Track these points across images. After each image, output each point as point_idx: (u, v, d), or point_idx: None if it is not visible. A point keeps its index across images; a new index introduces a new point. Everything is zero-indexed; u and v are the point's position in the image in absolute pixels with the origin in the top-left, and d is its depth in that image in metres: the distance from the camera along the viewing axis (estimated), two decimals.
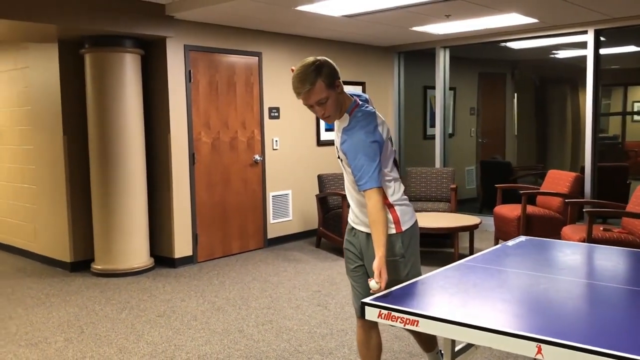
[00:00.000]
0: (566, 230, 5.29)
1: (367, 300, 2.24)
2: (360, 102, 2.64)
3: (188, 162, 6.01)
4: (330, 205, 6.63)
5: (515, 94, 9.15)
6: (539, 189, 6.58)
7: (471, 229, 5.95)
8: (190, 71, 5.95)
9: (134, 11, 5.44)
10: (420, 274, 2.69)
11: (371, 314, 2.22)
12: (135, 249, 5.81)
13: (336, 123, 2.68)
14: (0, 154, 6.87)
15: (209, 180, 6.19)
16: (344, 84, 2.63)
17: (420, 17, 6.06)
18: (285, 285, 5.26)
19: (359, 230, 2.77)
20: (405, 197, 2.77)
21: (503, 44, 7.75)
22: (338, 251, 6.35)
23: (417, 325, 2.10)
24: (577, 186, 6.14)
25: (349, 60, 7.71)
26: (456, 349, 2.55)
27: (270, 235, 6.84)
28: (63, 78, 5.82)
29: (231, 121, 6.34)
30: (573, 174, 6.17)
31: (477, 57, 9.62)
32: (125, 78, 5.65)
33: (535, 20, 6.40)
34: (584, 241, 4.85)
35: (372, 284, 2.31)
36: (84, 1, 5.10)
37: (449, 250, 6.41)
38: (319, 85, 2.47)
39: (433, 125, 8.39)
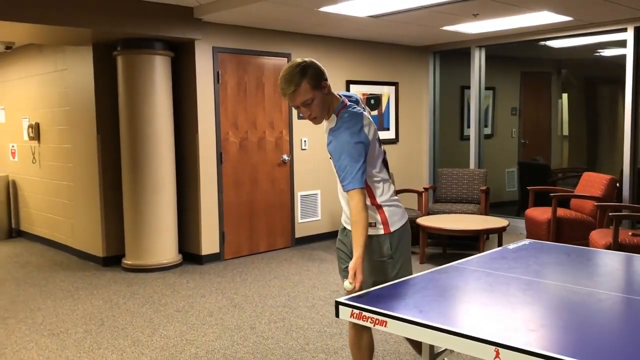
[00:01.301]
0: (594, 234, 5.12)
1: (340, 299, 2.25)
2: (349, 103, 2.65)
3: (215, 161, 6.14)
4: None
5: (564, 94, 8.88)
6: (572, 192, 6.38)
7: (498, 231, 5.83)
8: (218, 72, 6.08)
9: (164, 15, 5.60)
10: (410, 275, 2.68)
11: (344, 313, 2.23)
12: (163, 245, 5.97)
13: (325, 124, 2.70)
14: (43, 153, 7.19)
15: (237, 179, 6.30)
16: (376, 84, 2.67)
17: (447, 17, 5.99)
18: (304, 284, 5.30)
19: (350, 230, 2.78)
20: (396, 198, 2.77)
21: (542, 43, 7.55)
22: None
23: (385, 326, 2.10)
24: (611, 189, 5.92)
25: (382, 60, 7.68)
26: (435, 351, 2.52)
27: (298, 235, 6.90)
28: (97, 79, 6.05)
29: (259, 121, 6.43)
30: (608, 177, 5.96)
31: (519, 56, 9.40)
32: (155, 79, 5.83)
33: (569, 18, 6.22)
34: (609, 246, 4.69)
35: (346, 284, 2.32)
36: (116, 6, 5.29)
37: (474, 253, 6.30)
38: (304, 87, 2.49)
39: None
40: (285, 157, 6.68)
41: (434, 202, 7.22)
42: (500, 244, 6.09)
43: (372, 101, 7.63)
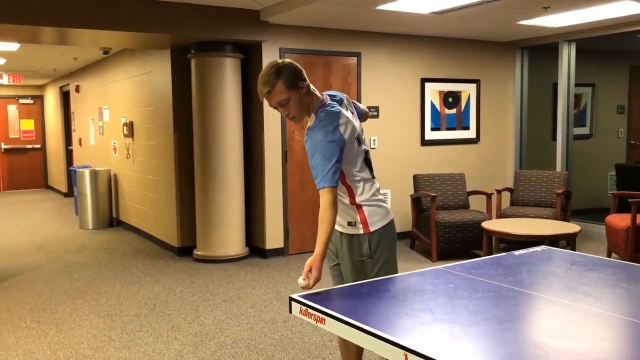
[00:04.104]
0: None
1: (293, 296, 2.30)
2: (329, 102, 2.66)
3: (281, 159, 6.33)
4: (424, 206, 6.52)
5: None
6: None
7: (565, 237, 5.48)
8: None
9: (233, 19, 5.86)
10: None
11: (295, 309, 2.27)
12: (231, 238, 6.26)
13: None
14: (135, 149, 7.80)
15: (301, 177, 6.45)
16: (454, 82, 2.65)
17: (515, 11, 5.70)
18: None
19: (336, 230, 2.80)
20: (380, 197, 2.74)
21: None
22: (429, 254, 6.23)
23: (324, 324, 2.12)
24: None
25: (461, 57, 7.46)
26: None
27: None
28: (174, 81, 6.47)
29: None
30: None
31: (627, 49, 8.70)
32: (225, 80, 6.12)
33: None
34: None
35: (300, 280, 2.35)
36: (190, 12, 5.63)
37: None
38: (279, 87, 2.54)
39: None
40: None
41: (510, 205, 6.91)
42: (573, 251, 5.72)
43: (450, 99, 7.44)
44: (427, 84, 7.23)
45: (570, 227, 5.57)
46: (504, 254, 2.96)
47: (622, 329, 1.91)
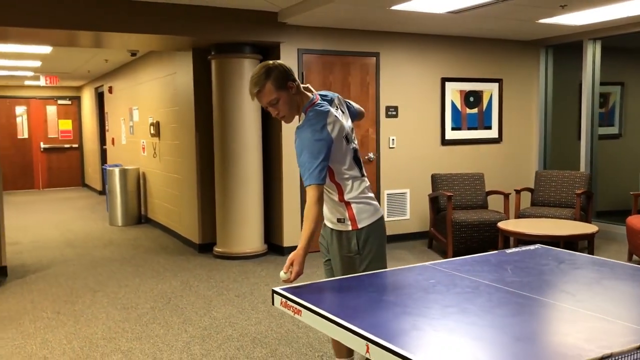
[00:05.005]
0: None
1: (275, 288, 2.38)
2: (318, 102, 2.73)
3: None
4: (441, 206, 6.52)
5: None
6: None
7: (583, 238, 5.43)
8: (302, 73, 6.35)
9: (251, 20, 5.99)
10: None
11: (277, 301, 2.36)
12: (249, 236, 6.39)
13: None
14: (161, 148, 8.02)
15: None
16: (476, 81, 2.70)
17: (532, 10, 5.66)
18: None
19: (327, 226, 2.88)
20: (369, 195, 2.80)
21: None
22: (446, 254, 6.23)
23: (301, 315, 2.20)
24: None
25: (482, 56, 7.42)
26: None
27: None
28: (196, 81, 6.64)
29: None
30: None
31: None
32: (244, 81, 6.24)
33: None
34: None
35: (281, 274, 2.44)
36: (210, 14, 5.77)
37: None
38: (268, 88, 2.63)
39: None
40: (371, 155, 6.77)
41: (531, 205, 6.85)
42: (591, 252, 5.65)
43: (471, 99, 7.41)
44: (447, 84, 7.22)
45: (588, 228, 5.51)
46: (495, 251, 2.99)
47: (584, 323, 1.92)
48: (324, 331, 2.07)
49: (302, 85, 2.76)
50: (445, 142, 7.29)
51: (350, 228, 2.74)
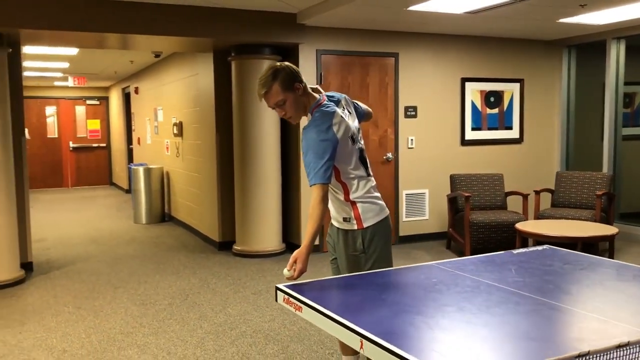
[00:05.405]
0: None
1: (279, 285, 2.44)
2: (325, 102, 2.78)
3: None
4: (460, 207, 6.51)
5: None
6: None
7: (602, 239, 5.37)
8: (321, 74, 6.40)
9: (270, 22, 6.06)
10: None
11: (280, 298, 2.42)
12: (268, 234, 6.47)
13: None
14: (184, 147, 8.16)
15: None
16: (496, 81, 2.71)
17: (551, 10, 5.62)
18: None
19: (334, 225, 2.94)
20: (375, 194, 2.83)
21: None
22: (463, 255, 6.22)
23: (301, 312, 2.26)
24: None
25: (503, 56, 7.38)
26: None
27: (402, 233, 6.97)
28: (217, 82, 6.74)
29: None
30: None
31: None
32: None
33: None
34: None
35: (285, 271, 2.49)
36: (230, 16, 5.87)
37: None
38: (275, 89, 2.69)
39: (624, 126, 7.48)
40: (390, 155, 6.79)
41: (551, 206, 6.79)
42: (611, 254, 5.60)
43: (492, 99, 7.38)
44: (467, 84, 7.20)
45: (607, 230, 5.45)
46: (502, 252, 3.00)
47: (577, 323, 1.94)
48: (323, 327, 2.12)
49: (310, 87, 2.81)
50: (465, 142, 7.27)
51: (355, 227, 2.78)
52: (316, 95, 2.81)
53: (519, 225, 5.71)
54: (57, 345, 3.96)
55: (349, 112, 2.87)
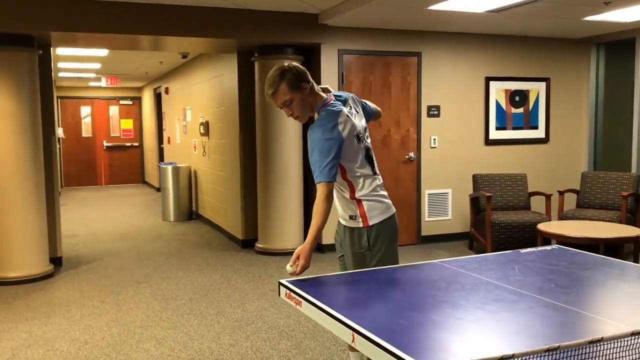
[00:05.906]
0: None
1: (282, 281, 2.50)
2: (332, 102, 2.82)
3: None
4: (482, 207, 6.47)
5: None
6: None
7: (625, 241, 5.28)
8: (343, 73, 6.45)
9: (293, 22, 6.14)
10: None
11: (282, 293, 2.48)
12: (289, 232, 6.55)
13: None
14: (210, 147, 8.30)
15: None
16: (521, 80, 2.73)
17: (573, 8, 5.55)
18: None
19: (341, 224, 2.98)
20: (381, 193, 2.86)
21: None
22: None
23: (301, 306, 2.31)
24: None
25: (529, 55, 7.30)
26: None
27: (425, 233, 6.96)
28: (240, 83, 6.85)
29: (384, 120, 6.63)
30: None
31: None
32: None
33: None
34: None
35: (288, 267, 2.55)
36: (254, 18, 5.96)
37: None
38: (282, 89, 2.74)
39: None
40: (412, 154, 6.79)
41: (576, 207, 6.70)
42: (636, 257, 5.51)
43: (517, 98, 7.30)
44: (492, 83, 7.15)
45: (631, 231, 5.35)
46: (509, 251, 3.00)
47: (570, 321, 1.94)
48: (319, 321, 2.17)
49: (319, 87, 2.86)
50: (489, 141, 7.22)
51: (361, 225, 2.82)
52: (323, 94, 2.85)
53: (541, 226, 5.65)
54: (80, 337, 4.10)
55: (356, 111, 2.91)
